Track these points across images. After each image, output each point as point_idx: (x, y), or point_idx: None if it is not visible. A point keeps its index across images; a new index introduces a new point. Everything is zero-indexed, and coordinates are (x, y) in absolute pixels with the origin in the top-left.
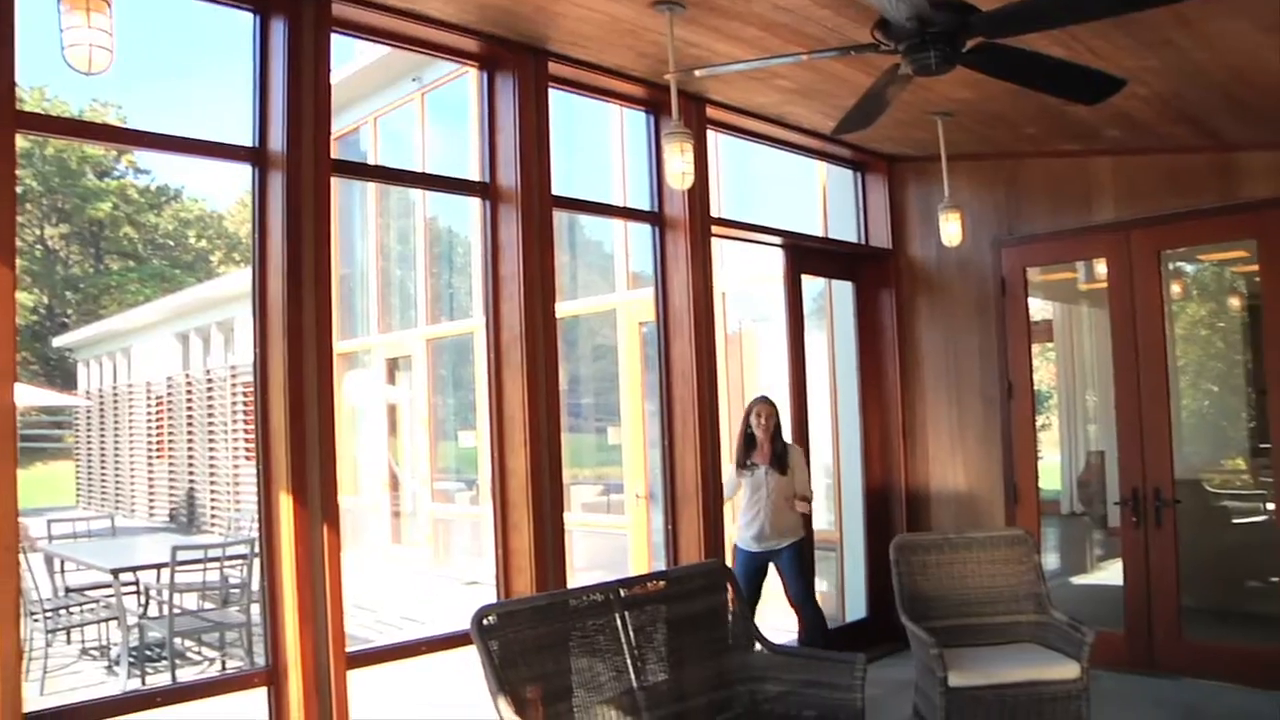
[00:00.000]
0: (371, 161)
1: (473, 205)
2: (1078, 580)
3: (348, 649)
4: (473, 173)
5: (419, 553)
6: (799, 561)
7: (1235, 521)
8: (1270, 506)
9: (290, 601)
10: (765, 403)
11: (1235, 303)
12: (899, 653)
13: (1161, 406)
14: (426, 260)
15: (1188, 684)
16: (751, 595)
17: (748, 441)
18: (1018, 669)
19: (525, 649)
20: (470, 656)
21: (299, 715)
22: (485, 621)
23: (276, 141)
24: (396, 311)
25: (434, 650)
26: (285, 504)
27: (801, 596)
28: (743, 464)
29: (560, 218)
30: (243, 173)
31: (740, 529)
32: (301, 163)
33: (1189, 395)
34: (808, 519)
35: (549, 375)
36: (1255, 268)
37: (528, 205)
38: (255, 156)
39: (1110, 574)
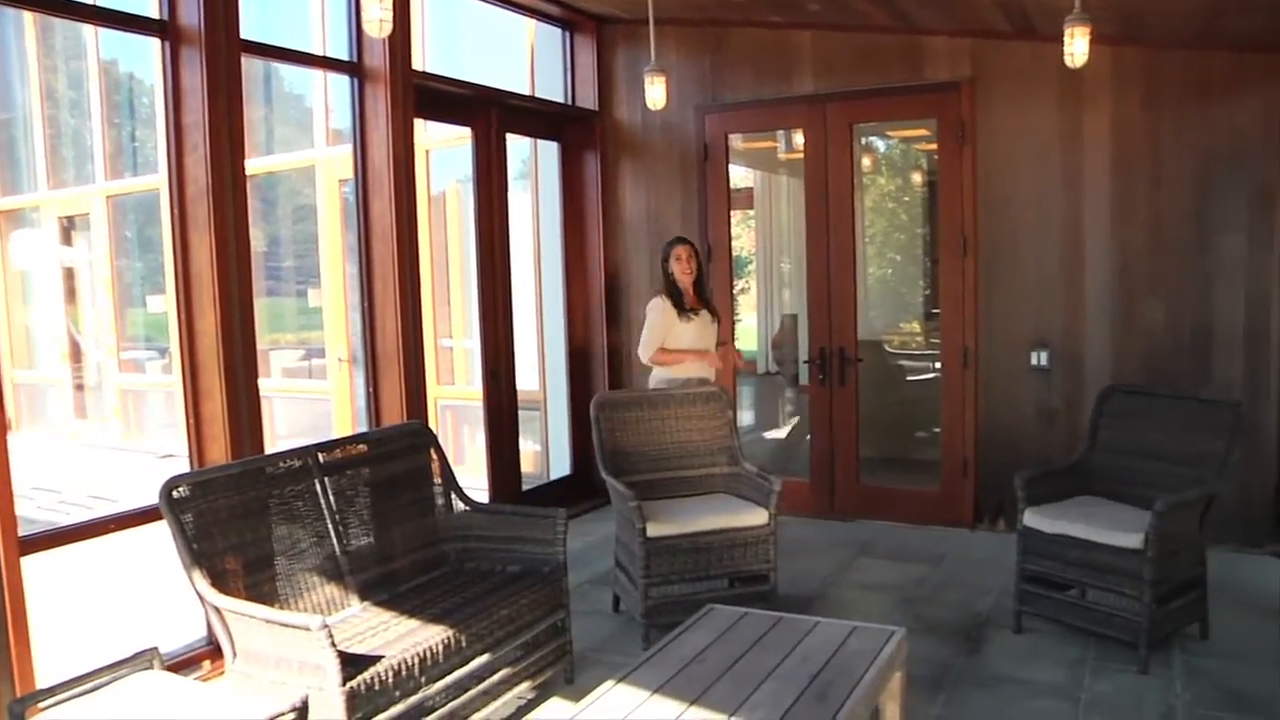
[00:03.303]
0: None
1: (154, 47)
2: (770, 434)
3: (21, 533)
4: (150, 9)
5: (107, 427)
6: None
7: (909, 379)
8: (938, 365)
9: None
10: (684, 243)
11: (917, 178)
12: (603, 507)
13: (849, 273)
14: (104, 109)
15: (862, 525)
16: None
17: (673, 286)
18: (711, 518)
19: (220, 519)
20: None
21: None
22: (175, 493)
23: None
24: (70, 165)
25: (124, 527)
26: None
27: None
28: (683, 309)
29: (257, 67)
30: None
31: (674, 380)
32: None
33: (875, 263)
34: None
35: (239, 232)
36: (934, 146)
37: (213, 48)
38: None
39: (799, 428)
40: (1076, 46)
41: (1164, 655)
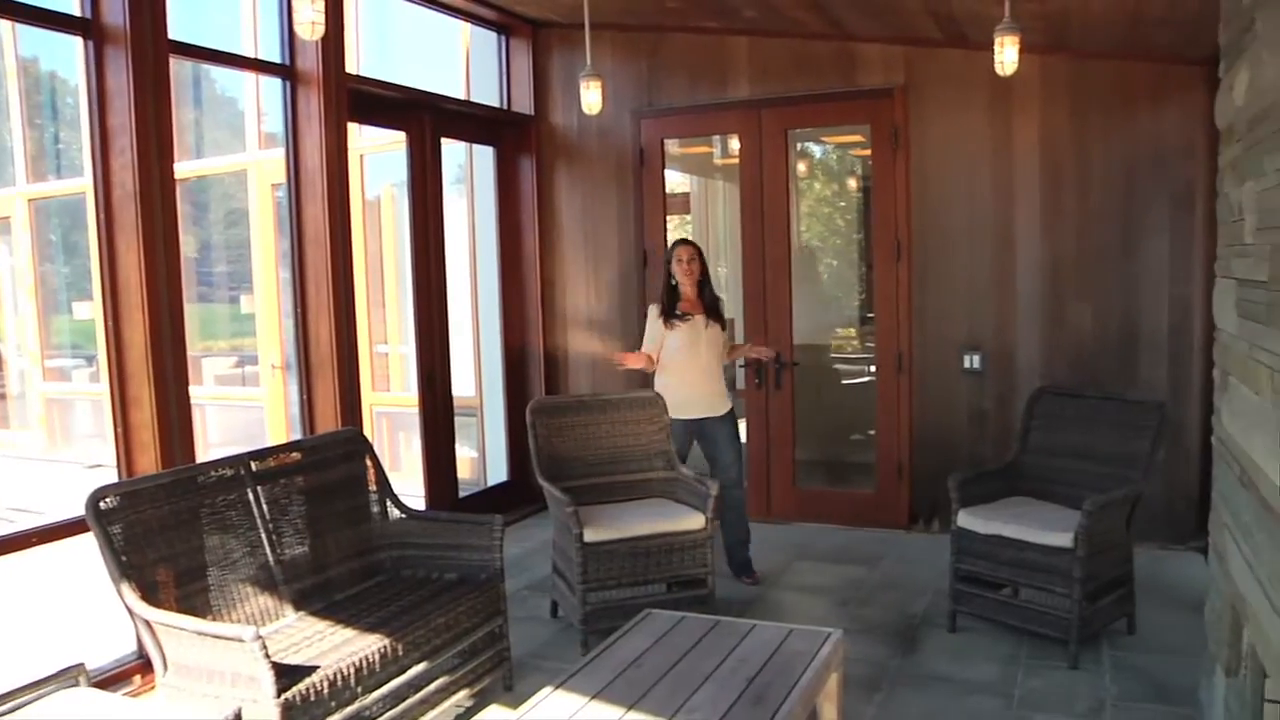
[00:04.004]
0: None
1: (77, 46)
2: None
3: None
4: (72, 6)
5: (31, 437)
6: (735, 435)
7: (845, 383)
8: (873, 369)
9: None
10: (688, 245)
11: (853, 184)
12: (541, 513)
13: (784, 278)
14: (24, 109)
15: (799, 527)
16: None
17: (673, 291)
18: (648, 522)
19: (150, 530)
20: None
21: None
22: (103, 504)
23: None
24: None
25: (48, 540)
26: None
27: (735, 477)
28: (672, 314)
29: (186, 69)
30: None
31: (664, 391)
32: None
33: (810, 268)
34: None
35: (168, 237)
36: (869, 152)
37: (139, 49)
38: None
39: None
40: (1006, 55)
41: (1093, 651)
